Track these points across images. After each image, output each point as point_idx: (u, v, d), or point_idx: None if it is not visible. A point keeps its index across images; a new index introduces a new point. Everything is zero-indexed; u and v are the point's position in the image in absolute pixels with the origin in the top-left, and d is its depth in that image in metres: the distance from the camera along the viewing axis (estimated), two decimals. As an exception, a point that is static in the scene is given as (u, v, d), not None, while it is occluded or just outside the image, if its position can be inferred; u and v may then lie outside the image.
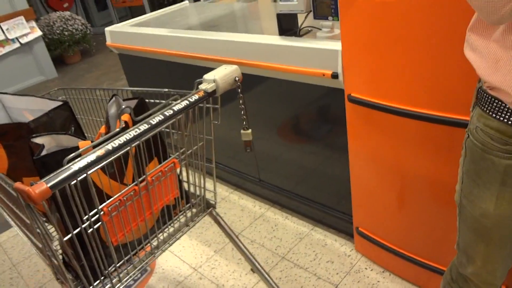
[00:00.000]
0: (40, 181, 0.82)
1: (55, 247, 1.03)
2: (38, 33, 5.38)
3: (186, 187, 1.30)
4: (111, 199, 1.03)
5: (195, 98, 1.08)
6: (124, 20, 2.91)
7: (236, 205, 2.31)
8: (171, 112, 1.02)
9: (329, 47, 1.47)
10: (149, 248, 1.21)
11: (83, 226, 0.98)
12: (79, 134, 1.33)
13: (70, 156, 0.89)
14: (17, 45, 5.23)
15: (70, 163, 0.86)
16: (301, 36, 1.67)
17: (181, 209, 1.28)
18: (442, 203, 1.35)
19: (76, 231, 0.97)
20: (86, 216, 0.98)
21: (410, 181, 1.41)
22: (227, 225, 1.37)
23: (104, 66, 5.69)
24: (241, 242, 1.39)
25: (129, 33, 2.46)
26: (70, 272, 1.07)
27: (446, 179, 1.28)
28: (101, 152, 0.88)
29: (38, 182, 0.81)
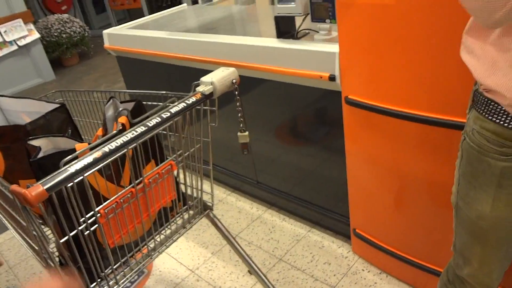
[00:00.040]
0: (36, 183, 0.82)
1: (52, 250, 1.03)
2: (36, 35, 5.38)
3: (183, 189, 1.30)
4: (108, 201, 1.03)
5: (193, 100, 1.08)
6: (122, 22, 2.92)
7: (233, 207, 2.31)
8: (168, 114, 1.02)
9: (326, 50, 1.47)
10: (146, 250, 1.21)
11: (80, 228, 0.98)
12: (76, 136, 1.33)
13: (67, 158, 0.89)
14: (14, 47, 5.23)
15: (67, 166, 0.86)
16: (298, 38, 1.68)
17: (178, 211, 1.28)
18: (440, 205, 1.35)
19: (72, 233, 0.97)
20: (83, 218, 0.98)
21: (407, 183, 1.42)
22: (224, 227, 1.37)
23: (102, 68, 5.69)
24: (238, 244, 1.39)
25: (127, 35, 2.46)
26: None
27: (444, 181, 1.28)
28: (98, 154, 0.88)
29: (34, 185, 0.81)
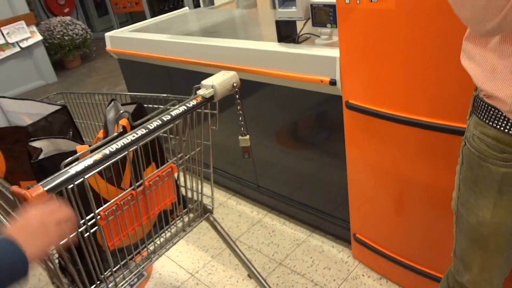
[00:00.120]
0: (37, 184, 0.82)
1: (51, 251, 1.03)
2: (38, 37, 5.39)
3: (183, 192, 1.30)
4: (108, 203, 1.03)
5: (193, 103, 1.08)
6: (124, 25, 2.92)
7: (233, 210, 2.31)
8: (169, 117, 1.02)
9: (327, 54, 1.47)
10: (145, 253, 1.21)
11: (80, 230, 0.98)
12: (77, 138, 1.33)
13: (68, 160, 0.89)
14: (17, 49, 5.24)
15: (68, 167, 0.86)
16: (299, 43, 1.68)
17: (178, 214, 1.28)
18: (440, 210, 1.35)
19: (72, 235, 0.97)
20: (83, 220, 0.98)
21: (408, 188, 1.41)
22: (224, 230, 1.37)
23: (104, 71, 5.70)
24: (238, 247, 1.39)
25: (129, 38, 2.47)
26: (66, 276, 1.07)
27: (444, 186, 1.28)
28: (98, 156, 0.89)
29: (35, 186, 0.81)
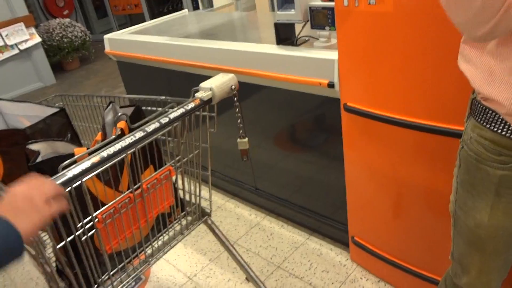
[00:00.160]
0: (34, 187, 0.81)
1: (49, 255, 1.03)
2: (37, 39, 5.39)
3: (181, 195, 1.30)
4: (106, 206, 1.03)
5: (191, 106, 1.08)
6: (123, 27, 2.92)
7: (232, 213, 2.30)
8: (167, 120, 1.02)
9: (325, 57, 1.48)
10: (143, 256, 1.21)
11: (77, 234, 0.97)
12: (75, 141, 1.33)
13: (65, 163, 0.89)
14: (16, 51, 5.24)
15: (65, 170, 0.86)
16: (298, 45, 1.69)
17: (176, 217, 1.28)
18: (438, 213, 1.35)
19: (69, 238, 0.97)
20: (80, 223, 0.98)
21: (406, 190, 1.41)
22: (222, 233, 1.37)
23: (102, 73, 5.70)
24: (236, 251, 1.39)
25: (127, 40, 2.47)
26: (63, 280, 1.06)
27: (442, 189, 1.28)
28: (96, 159, 0.89)
29: (32, 189, 0.81)
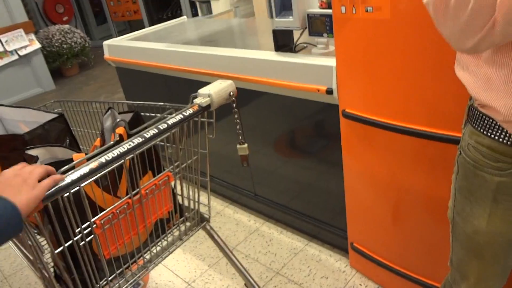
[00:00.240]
0: (32, 193, 0.81)
1: (47, 260, 1.03)
2: (37, 45, 5.41)
3: (180, 201, 1.30)
4: (104, 212, 1.03)
5: (190, 112, 1.09)
6: (123, 34, 2.93)
7: (231, 219, 2.30)
8: (166, 126, 1.02)
9: (323, 63, 1.48)
10: (142, 261, 1.20)
11: (75, 239, 0.97)
12: (74, 146, 1.33)
13: (64, 168, 0.89)
14: (15, 57, 5.25)
15: (63, 175, 0.86)
16: (296, 52, 1.69)
17: (175, 222, 1.28)
18: (437, 219, 1.35)
19: (68, 244, 0.96)
20: (79, 228, 0.98)
21: (405, 197, 1.41)
22: (221, 239, 1.37)
23: (102, 79, 5.71)
24: (234, 256, 1.38)
25: (126, 47, 2.48)
26: (61, 285, 1.06)
27: (441, 195, 1.28)
28: (94, 165, 0.89)
29: (30, 194, 0.81)
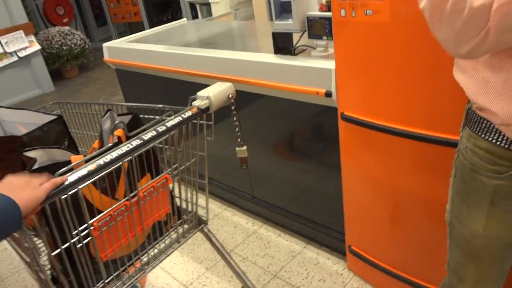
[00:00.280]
0: (30, 194, 0.81)
1: (44, 262, 1.02)
2: (36, 47, 5.41)
3: (178, 203, 1.30)
4: (102, 214, 1.03)
5: (188, 114, 1.09)
6: (123, 35, 2.94)
7: (229, 221, 2.30)
8: (164, 128, 1.02)
9: (323, 66, 1.49)
10: (139, 264, 1.20)
11: (73, 241, 0.97)
12: (73, 148, 1.33)
13: (62, 170, 0.89)
14: (15, 58, 5.25)
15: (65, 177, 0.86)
16: (296, 54, 1.70)
17: (172, 225, 1.28)
18: (436, 223, 1.35)
19: (65, 246, 0.96)
20: (76, 231, 0.97)
21: (403, 200, 1.41)
22: (219, 242, 1.37)
23: (101, 81, 5.71)
24: (232, 259, 1.38)
25: (126, 49, 2.48)
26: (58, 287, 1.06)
27: (439, 198, 1.28)
28: (92, 167, 0.89)
29: (28, 196, 0.81)
